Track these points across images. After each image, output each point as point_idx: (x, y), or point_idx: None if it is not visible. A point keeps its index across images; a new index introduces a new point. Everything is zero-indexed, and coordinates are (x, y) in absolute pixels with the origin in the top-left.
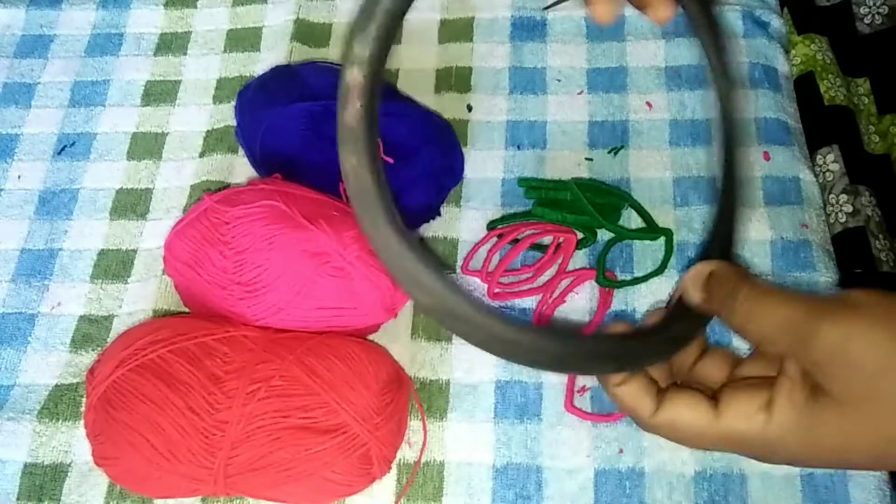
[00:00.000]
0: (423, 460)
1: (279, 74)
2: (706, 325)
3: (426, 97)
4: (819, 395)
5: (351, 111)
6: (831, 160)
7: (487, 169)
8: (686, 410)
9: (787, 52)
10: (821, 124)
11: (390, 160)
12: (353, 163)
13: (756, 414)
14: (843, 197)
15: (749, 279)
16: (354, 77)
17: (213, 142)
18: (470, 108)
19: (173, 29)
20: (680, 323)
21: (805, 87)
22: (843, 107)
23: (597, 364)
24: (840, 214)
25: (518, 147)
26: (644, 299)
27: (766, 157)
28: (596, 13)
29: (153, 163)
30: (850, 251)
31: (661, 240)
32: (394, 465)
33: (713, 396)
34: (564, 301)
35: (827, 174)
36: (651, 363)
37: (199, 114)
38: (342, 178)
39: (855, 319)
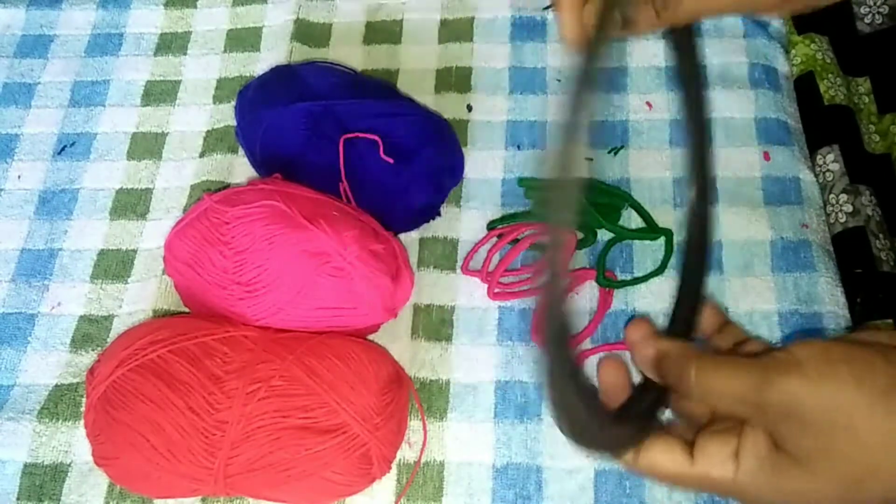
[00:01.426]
0: (423, 460)
1: (279, 74)
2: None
3: (426, 97)
4: (780, 451)
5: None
6: (831, 160)
7: (487, 169)
8: (661, 457)
9: (787, 52)
10: (821, 124)
11: (390, 160)
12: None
13: (726, 462)
14: (843, 197)
15: (694, 356)
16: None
17: (213, 142)
18: (470, 108)
19: (173, 29)
20: (647, 395)
21: (805, 86)
22: (844, 106)
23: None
24: (840, 214)
25: (518, 147)
26: (644, 299)
27: (767, 157)
28: (565, 31)
29: (153, 163)
30: (850, 251)
31: (661, 240)
32: (394, 465)
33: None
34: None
35: (827, 174)
36: (625, 450)
37: (199, 114)
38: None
39: (800, 380)
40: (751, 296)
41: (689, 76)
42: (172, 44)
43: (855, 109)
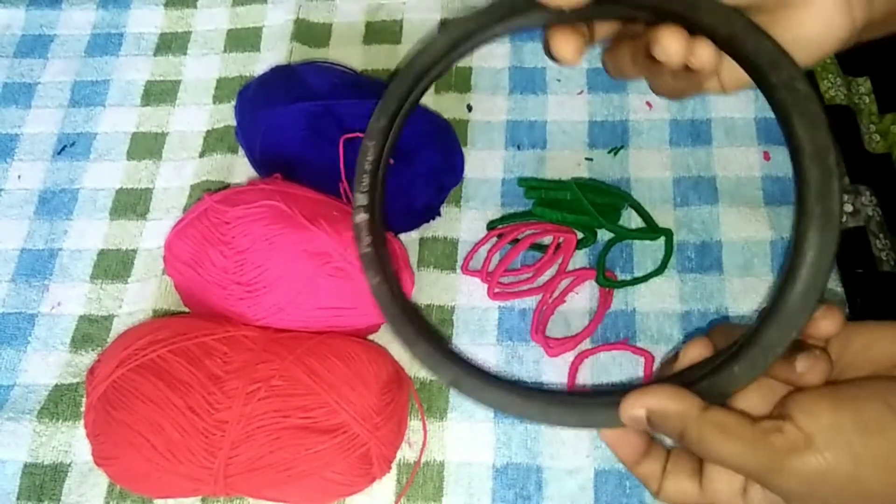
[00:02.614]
0: (423, 460)
1: (279, 74)
2: None
3: (426, 97)
4: (788, 502)
5: (363, 244)
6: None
7: (487, 169)
8: (672, 488)
9: None
10: None
11: (390, 160)
12: (375, 281)
13: (734, 499)
14: (844, 197)
15: (690, 418)
16: (360, 219)
17: (213, 142)
18: (470, 108)
19: (173, 29)
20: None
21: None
22: (844, 106)
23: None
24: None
25: (518, 147)
26: (644, 299)
27: (766, 157)
28: (558, 51)
29: (153, 163)
30: (850, 251)
31: (661, 240)
32: (394, 465)
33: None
34: (564, 301)
35: None
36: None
37: (199, 114)
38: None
39: (813, 462)
40: (751, 296)
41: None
42: (172, 44)
43: (855, 110)
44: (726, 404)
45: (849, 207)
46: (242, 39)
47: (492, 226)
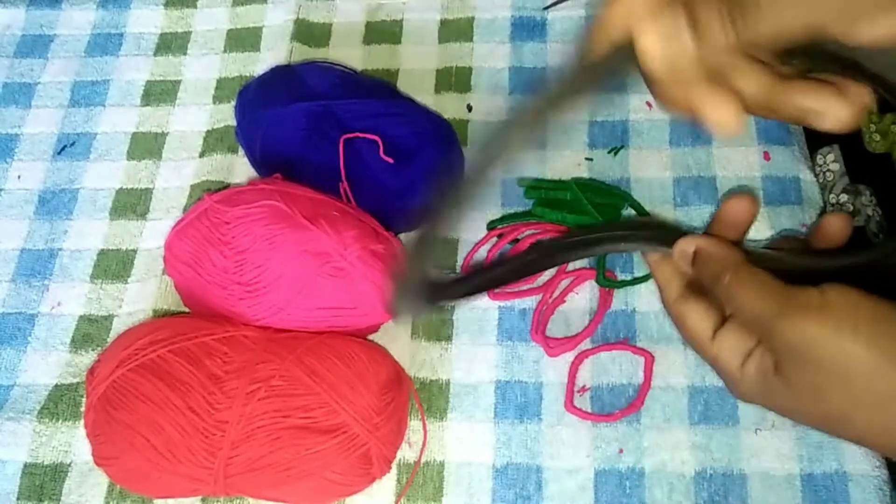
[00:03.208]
0: (423, 460)
1: (279, 74)
2: None
3: (426, 97)
4: (779, 371)
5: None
6: (831, 160)
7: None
8: (693, 317)
9: None
10: None
11: (390, 160)
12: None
13: (736, 357)
14: (844, 196)
15: (731, 264)
16: None
17: (213, 142)
18: (470, 108)
19: (173, 29)
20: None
21: None
22: None
23: None
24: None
25: None
26: (644, 299)
27: (766, 157)
28: (716, 120)
29: (153, 163)
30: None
31: None
32: (394, 465)
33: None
34: (564, 301)
35: (827, 174)
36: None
37: (199, 114)
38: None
39: (816, 326)
40: None
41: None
42: (172, 44)
43: None
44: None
45: (849, 207)
46: (242, 39)
47: (492, 226)
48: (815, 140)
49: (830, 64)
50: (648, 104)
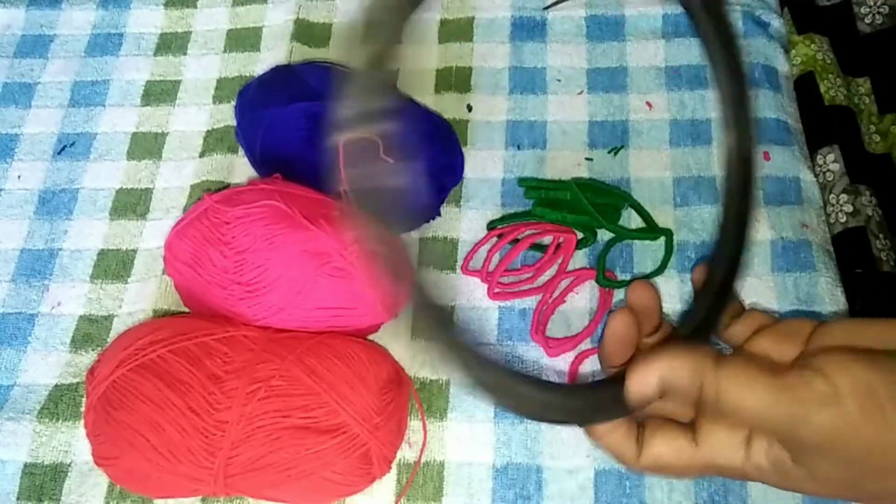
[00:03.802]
0: (423, 460)
1: (279, 74)
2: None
3: (426, 97)
4: (799, 462)
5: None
6: (831, 160)
7: (487, 169)
8: (665, 448)
9: (787, 52)
10: (821, 124)
11: (390, 160)
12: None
13: (736, 451)
14: (844, 197)
15: (712, 367)
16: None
17: (213, 142)
18: (470, 108)
19: (173, 29)
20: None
21: (805, 86)
22: (844, 107)
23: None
24: (840, 214)
25: (518, 147)
26: None
27: (766, 157)
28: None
29: (153, 163)
30: (850, 251)
31: (661, 240)
32: (394, 465)
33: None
34: (564, 301)
35: (827, 174)
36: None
37: (199, 114)
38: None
39: (840, 420)
40: (751, 296)
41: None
42: (172, 44)
43: (855, 110)
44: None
45: (849, 207)
46: (242, 39)
47: (492, 226)
48: (816, 140)
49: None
50: (648, 104)
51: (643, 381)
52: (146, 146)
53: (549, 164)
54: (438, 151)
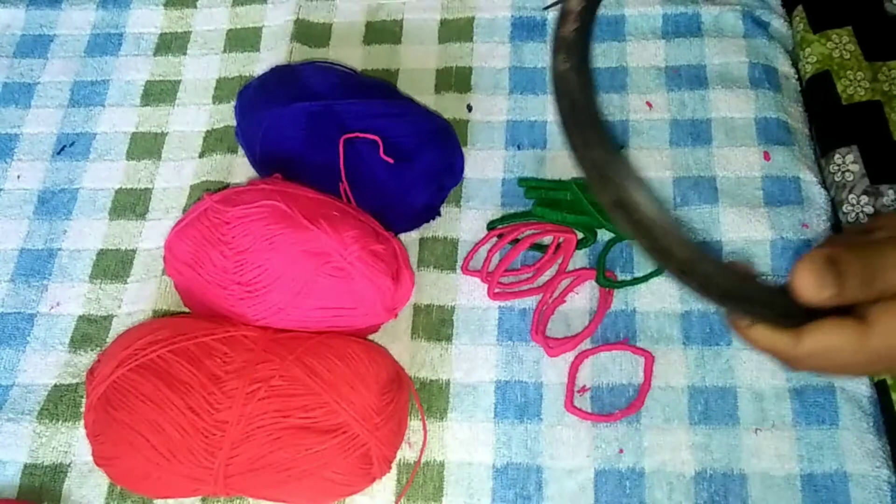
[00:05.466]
0: (423, 460)
1: (279, 74)
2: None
3: (426, 97)
4: None
5: (569, 27)
6: (850, 160)
7: (487, 169)
8: (833, 334)
9: (787, 52)
10: (839, 124)
11: (390, 160)
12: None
13: None
14: (864, 198)
15: (864, 246)
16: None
17: (213, 142)
18: (470, 108)
19: (173, 29)
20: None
21: (821, 86)
22: (867, 102)
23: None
24: (861, 215)
25: (518, 147)
26: (644, 299)
27: (767, 157)
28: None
29: (153, 163)
30: None
31: None
32: (394, 465)
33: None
34: (564, 301)
35: (846, 174)
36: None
37: (198, 114)
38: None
39: None
40: None
41: None
42: (172, 44)
43: (884, 99)
44: None
45: (869, 209)
46: (242, 39)
47: (492, 226)
48: (833, 140)
49: None
50: (648, 104)
51: (813, 262)
52: (146, 146)
53: (549, 164)
54: (438, 151)
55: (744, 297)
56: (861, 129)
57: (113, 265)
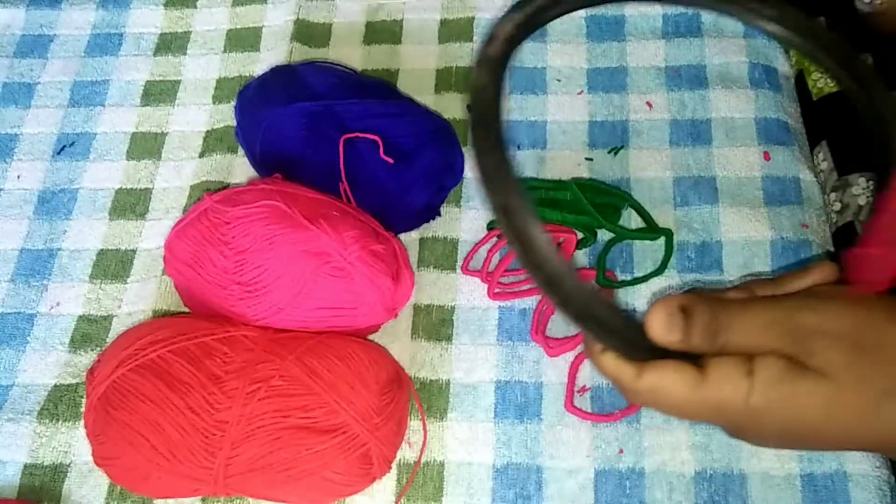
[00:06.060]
0: (423, 460)
1: (279, 74)
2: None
3: (426, 97)
4: (803, 370)
5: (496, 48)
6: (821, 158)
7: None
8: (671, 374)
9: (787, 51)
10: (811, 122)
11: (390, 160)
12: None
13: (741, 379)
14: (833, 195)
15: (718, 301)
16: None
17: (213, 142)
18: (470, 109)
19: (173, 29)
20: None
21: (800, 86)
22: (835, 94)
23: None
24: (832, 214)
25: (518, 147)
26: (644, 299)
27: (767, 157)
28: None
29: (153, 163)
30: (844, 249)
31: (661, 240)
32: (394, 465)
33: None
34: None
35: (822, 174)
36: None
37: (198, 114)
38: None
39: (834, 304)
40: None
41: None
42: (172, 44)
43: None
44: None
45: (837, 206)
46: (242, 39)
47: (492, 226)
48: (810, 139)
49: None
50: (648, 104)
51: (670, 305)
52: (146, 146)
53: (548, 164)
54: (438, 151)
55: (599, 321)
56: (829, 123)
57: (113, 265)
